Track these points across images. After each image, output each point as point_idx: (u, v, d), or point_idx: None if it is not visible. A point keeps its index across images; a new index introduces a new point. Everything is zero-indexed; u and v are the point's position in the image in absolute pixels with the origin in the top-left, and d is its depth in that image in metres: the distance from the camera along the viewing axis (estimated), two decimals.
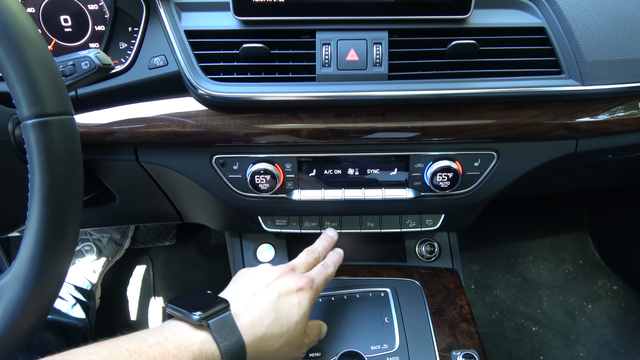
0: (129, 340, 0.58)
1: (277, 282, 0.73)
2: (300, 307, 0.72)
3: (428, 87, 0.76)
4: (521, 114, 0.79)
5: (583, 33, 0.76)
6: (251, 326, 0.67)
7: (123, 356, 0.55)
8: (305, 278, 0.76)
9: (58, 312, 1.25)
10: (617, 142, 0.85)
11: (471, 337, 0.90)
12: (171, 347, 0.59)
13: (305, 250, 0.86)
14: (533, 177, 0.91)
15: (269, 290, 0.72)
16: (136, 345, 0.57)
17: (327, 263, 0.83)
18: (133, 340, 0.58)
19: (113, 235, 1.63)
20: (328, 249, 0.88)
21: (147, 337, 0.59)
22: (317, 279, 0.78)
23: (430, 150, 0.84)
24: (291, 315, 0.71)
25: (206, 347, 0.61)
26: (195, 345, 0.61)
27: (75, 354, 0.53)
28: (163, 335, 0.61)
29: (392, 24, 0.76)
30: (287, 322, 0.70)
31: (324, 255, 0.87)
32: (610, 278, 1.76)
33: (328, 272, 0.81)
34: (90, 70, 0.62)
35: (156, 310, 1.70)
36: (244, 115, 0.79)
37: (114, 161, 0.86)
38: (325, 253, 0.87)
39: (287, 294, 0.72)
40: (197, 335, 0.62)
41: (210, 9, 0.77)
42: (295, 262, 0.81)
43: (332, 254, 0.87)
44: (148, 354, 0.56)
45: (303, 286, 0.74)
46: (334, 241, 0.91)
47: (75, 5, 0.80)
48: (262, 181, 0.83)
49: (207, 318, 0.63)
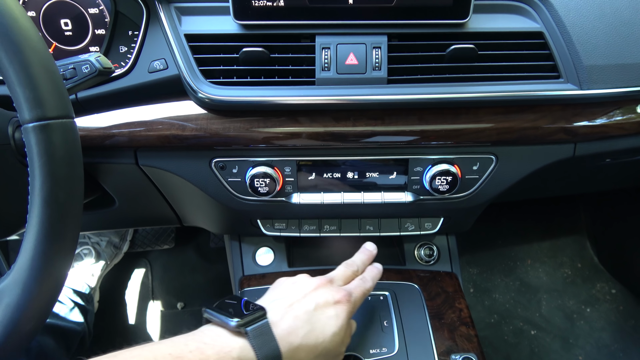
0: (170, 345, 0.60)
1: (315, 294, 0.73)
2: (337, 320, 0.71)
3: (427, 91, 0.76)
4: (519, 117, 0.80)
5: (581, 38, 0.76)
6: (287, 336, 0.66)
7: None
8: (343, 291, 0.75)
9: (56, 315, 1.24)
10: (615, 146, 0.86)
11: (470, 341, 0.90)
12: (211, 353, 0.60)
13: (343, 263, 0.85)
14: (531, 180, 0.91)
15: (305, 301, 0.71)
16: (178, 350, 0.58)
17: (365, 277, 0.83)
18: (174, 345, 0.60)
19: (112, 238, 1.63)
20: (367, 263, 0.88)
21: (187, 342, 0.61)
22: (355, 293, 0.77)
23: (429, 153, 0.84)
24: (327, 327, 0.70)
25: (244, 354, 0.62)
26: (234, 352, 0.61)
27: (120, 356, 0.55)
28: (203, 341, 0.62)
29: (391, 28, 0.76)
30: (322, 334, 0.69)
31: (362, 269, 0.86)
32: (609, 282, 1.76)
33: (366, 287, 0.80)
34: (90, 73, 0.62)
35: (155, 314, 1.70)
36: (243, 118, 0.79)
37: (113, 164, 0.86)
38: (363, 267, 0.86)
39: (324, 306, 0.71)
40: (236, 341, 0.63)
41: (211, 13, 0.77)
42: (333, 275, 0.80)
43: (370, 269, 0.86)
44: (189, 359, 0.58)
45: (340, 299, 0.73)
46: (373, 255, 0.90)
47: (76, 9, 0.81)
48: (261, 184, 0.83)
49: (245, 325, 0.63)
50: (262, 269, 1.08)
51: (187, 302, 1.72)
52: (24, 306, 0.50)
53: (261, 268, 1.08)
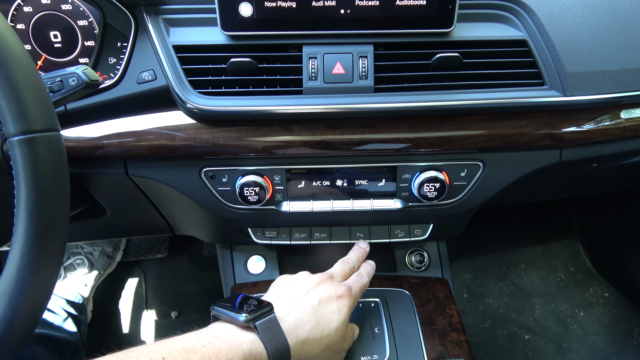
0: (183, 340, 0.62)
1: (317, 289, 0.76)
2: (340, 314, 0.75)
3: (413, 99, 0.77)
4: (505, 124, 0.81)
5: (564, 45, 0.77)
6: (294, 330, 0.69)
7: (180, 354, 0.58)
8: (344, 286, 0.79)
9: (50, 325, 1.24)
10: (601, 151, 0.87)
11: (461, 347, 0.91)
12: (223, 347, 0.62)
13: (340, 260, 0.89)
14: (520, 186, 0.92)
15: (309, 296, 0.74)
16: (191, 344, 0.60)
17: (361, 273, 0.87)
18: (187, 340, 0.62)
19: (105, 248, 1.62)
20: (361, 259, 0.92)
21: (199, 337, 0.63)
22: (354, 288, 0.81)
23: (417, 161, 0.85)
24: (331, 321, 0.73)
25: (255, 347, 0.64)
26: (245, 346, 0.64)
27: (137, 351, 0.57)
28: (214, 335, 0.64)
29: (377, 38, 0.77)
30: (327, 328, 0.72)
31: (358, 265, 0.90)
32: (602, 285, 1.77)
33: (363, 282, 0.84)
34: (77, 86, 0.62)
35: (149, 323, 1.69)
36: (232, 128, 0.79)
37: (103, 175, 0.86)
38: (359, 263, 0.90)
39: (327, 301, 0.75)
40: (246, 336, 0.65)
41: (198, 24, 0.78)
42: (332, 271, 0.84)
43: (365, 265, 0.90)
44: (202, 353, 0.60)
45: (342, 294, 0.77)
46: (366, 252, 0.94)
47: (65, 21, 0.81)
48: (251, 193, 0.83)
49: (253, 320, 0.66)
50: (253, 277, 1.08)
51: (181, 311, 1.72)
52: (10, 319, 0.50)
53: (253, 276, 1.08)
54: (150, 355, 0.56)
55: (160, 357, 0.56)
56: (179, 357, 0.58)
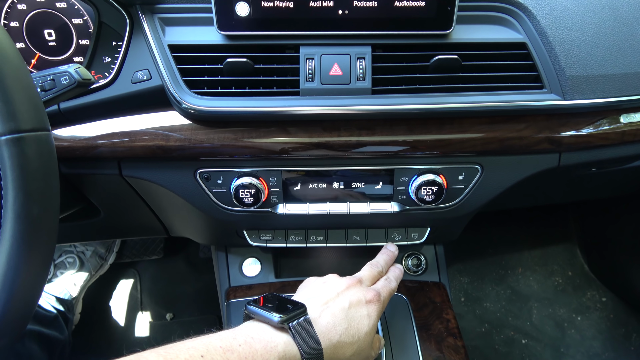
0: (220, 338, 0.62)
1: (347, 293, 0.75)
2: (370, 319, 0.74)
3: (411, 101, 0.76)
4: (504, 128, 0.80)
5: (564, 48, 0.77)
6: (327, 332, 0.69)
7: (218, 353, 0.58)
8: (373, 291, 0.78)
9: (41, 322, 1.23)
10: (600, 155, 0.86)
11: (457, 352, 0.90)
12: (259, 347, 0.62)
13: (368, 263, 0.88)
14: (518, 190, 0.91)
15: (340, 300, 0.74)
16: (227, 343, 0.61)
17: (390, 278, 0.86)
18: (224, 339, 0.62)
19: (98, 249, 1.61)
20: (389, 263, 0.91)
21: (235, 336, 0.63)
22: (383, 293, 0.80)
23: (415, 164, 0.84)
24: (362, 325, 0.73)
25: (289, 348, 0.64)
26: (280, 347, 0.63)
27: (176, 348, 0.58)
28: (250, 335, 0.64)
29: (375, 39, 0.77)
30: (357, 332, 0.72)
31: (386, 269, 0.89)
32: (599, 290, 1.76)
33: (392, 287, 0.83)
34: (69, 85, 0.62)
35: (144, 324, 1.68)
36: (228, 129, 0.78)
37: (97, 175, 0.85)
38: (387, 267, 0.89)
39: (357, 305, 0.74)
40: (280, 337, 0.65)
41: (194, 23, 0.77)
42: (361, 275, 0.83)
43: (393, 269, 0.89)
44: (239, 352, 0.60)
45: (371, 299, 0.76)
46: (395, 256, 0.93)
47: (60, 19, 0.80)
48: (246, 195, 0.82)
49: (288, 320, 0.65)
50: (248, 280, 1.07)
51: (177, 312, 1.71)
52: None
53: (248, 279, 1.07)
54: (190, 353, 0.57)
55: (199, 355, 0.57)
56: (217, 355, 0.58)
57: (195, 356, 0.56)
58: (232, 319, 0.97)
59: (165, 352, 0.56)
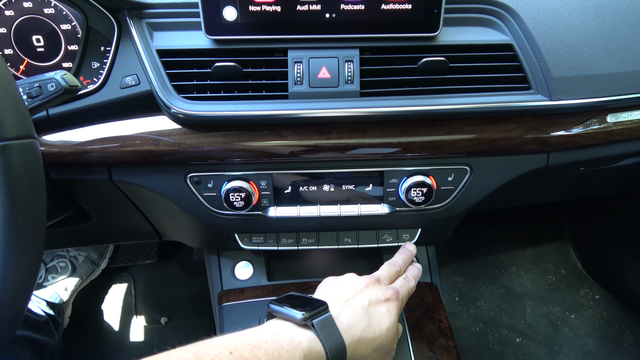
0: (247, 335, 0.63)
1: (366, 291, 0.76)
2: (390, 315, 0.75)
3: (400, 103, 0.76)
4: (492, 129, 0.80)
5: (549, 49, 0.77)
6: (348, 329, 0.70)
7: (245, 350, 0.60)
8: (392, 289, 0.79)
9: (31, 327, 1.23)
10: (588, 155, 0.87)
11: (449, 352, 0.90)
12: (284, 344, 0.63)
13: (386, 262, 0.88)
14: (508, 190, 0.92)
15: (359, 298, 0.75)
16: (254, 340, 0.62)
17: (408, 277, 0.86)
18: (251, 336, 0.63)
19: (90, 254, 1.61)
20: (408, 262, 0.91)
21: (261, 333, 0.64)
22: (402, 291, 0.80)
23: (405, 165, 0.85)
24: (382, 322, 0.73)
25: (313, 345, 0.65)
26: (304, 343, 0.64)
27: (205, 345, 0.59)
28: (275, 332, 0.65)
29: (363, 42, 0.77)
30: (378, 329, 0.73)
31: (404, 268, 0.89)
32: (592, 287, 1.77)
33: (410, 286, 0.84)
34: (56, 92, 0.61)
35: (138, 329, 1.67)
36: (218, 133, 0.79)
37: (87, 181, 0.85)
38: (405, 266, 0.90)
39: (376, 303, 0.75)
40: (304, 334, 0.66)
41: (182, 28, 0.77)
42: (379, 274, 0.83)
43: (412, 268, 0.89)
44: (266, 349, 0.61)
45: (390, 297, 0.77)
46: (413, 255, 0.94)
47: (48, 25, 0.80)
48: (237, 199, 0.82)
49: (310, 317, 0.66)
50: (241, 283, 1.07)
51: (171, 316, 1.70)
52: None
53: (240, 282, 1.07)
54: (218, 350, 0.58)
55: (227, 352, 0.58)
56: (244, 352, 0.59)
57: (224, 352, 0.58)
58: (225, 323, 0.97)
59: (195, 349, 0.58)
